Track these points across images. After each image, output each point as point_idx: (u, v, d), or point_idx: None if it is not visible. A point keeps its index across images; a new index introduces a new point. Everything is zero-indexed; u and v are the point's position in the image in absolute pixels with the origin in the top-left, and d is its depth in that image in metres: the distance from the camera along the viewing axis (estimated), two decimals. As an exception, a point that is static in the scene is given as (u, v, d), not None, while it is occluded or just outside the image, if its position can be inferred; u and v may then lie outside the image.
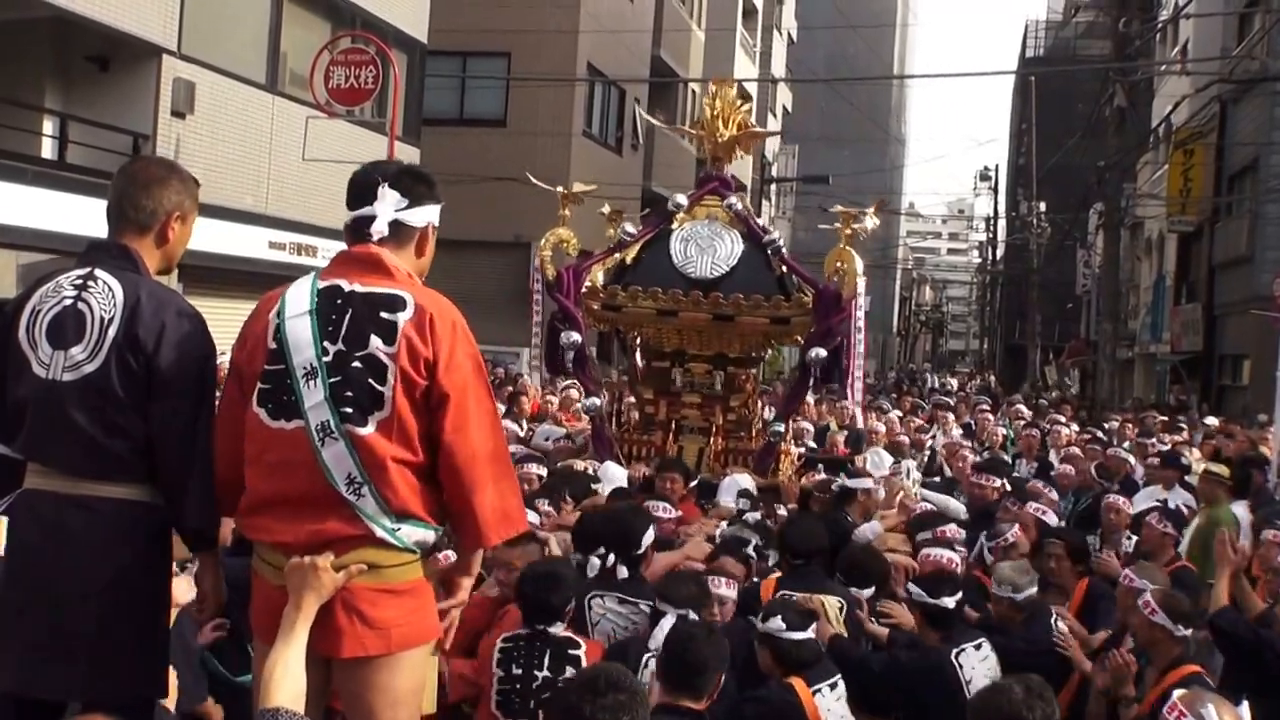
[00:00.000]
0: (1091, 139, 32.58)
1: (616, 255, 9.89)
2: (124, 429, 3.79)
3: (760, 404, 10.86)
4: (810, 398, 15.13)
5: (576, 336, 9.46)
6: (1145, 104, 34.22)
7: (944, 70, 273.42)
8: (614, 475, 8.70)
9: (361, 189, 3.90)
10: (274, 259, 19.10)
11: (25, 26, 16.73)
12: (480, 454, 3.73)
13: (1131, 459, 13.14)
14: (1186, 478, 11.57)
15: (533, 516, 6.65)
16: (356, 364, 3.60)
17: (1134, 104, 29.60)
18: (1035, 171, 48.80)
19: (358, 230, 3.86)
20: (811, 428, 15.26)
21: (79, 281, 3.89)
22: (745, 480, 8.78)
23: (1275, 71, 25.54)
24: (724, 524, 7.62)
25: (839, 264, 9.54)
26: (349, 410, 3.57)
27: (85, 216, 15.57)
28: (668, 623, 5.09)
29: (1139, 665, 5.71)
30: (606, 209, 10.18)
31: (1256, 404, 22.83)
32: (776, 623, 5.20)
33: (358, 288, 3.70)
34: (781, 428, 9.85)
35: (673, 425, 9.86)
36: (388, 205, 3.83)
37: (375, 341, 3.61)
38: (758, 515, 7.79)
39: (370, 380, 3.59)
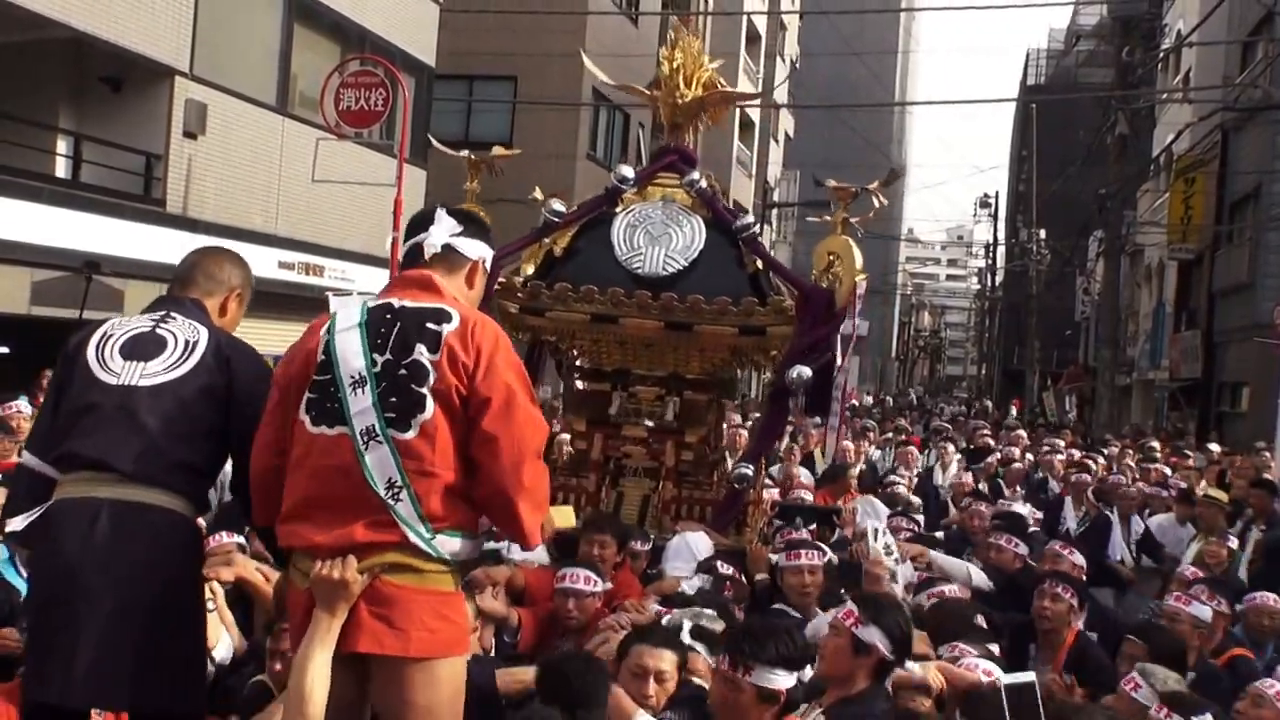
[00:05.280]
0: (1092, 166, 32.74)
1: (543, 243, 7.66)
2: (189, 437, 3.92)
3: (725, 439, 8.70)
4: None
5: None
6: (1147, 132, 34.39)
7: (945, 97, 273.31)
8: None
9: (419, 220, 4.08)
10: (283, 279, 19.19)
11: (40, 47, 16.87)
12: (522, 457, 3.77)
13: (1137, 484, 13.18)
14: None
15: None
16: (403, 371, 3.69)
17: (1136, 132, 29.75)
18: (1035, 198, 49.00)
19: (412, 259, 4.02)
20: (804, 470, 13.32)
21: (157, 317, 4.13)
22: (700, 541, 6.89)
23: (1278, 100, 25.67)
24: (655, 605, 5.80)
25: (831, 255, 7.33)
26: (393, 415, 3.65)
27: (98, 235, 15.74)
28: None
29: None
30: (538, 193, 7.90)
31: (1256, 431, 22.93)
32: None
33: (407, 304, 3.82)
34: (749, 471, 7.41)
35: (610, 466, 7.79)
36: (442, 229, 4.01)
37: (420, 349, 3.70)
38: (698, 581, 6.10)
39: (412, 385, 3.68)
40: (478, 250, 4.08)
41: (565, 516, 4.54)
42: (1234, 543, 10.01)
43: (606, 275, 7.35)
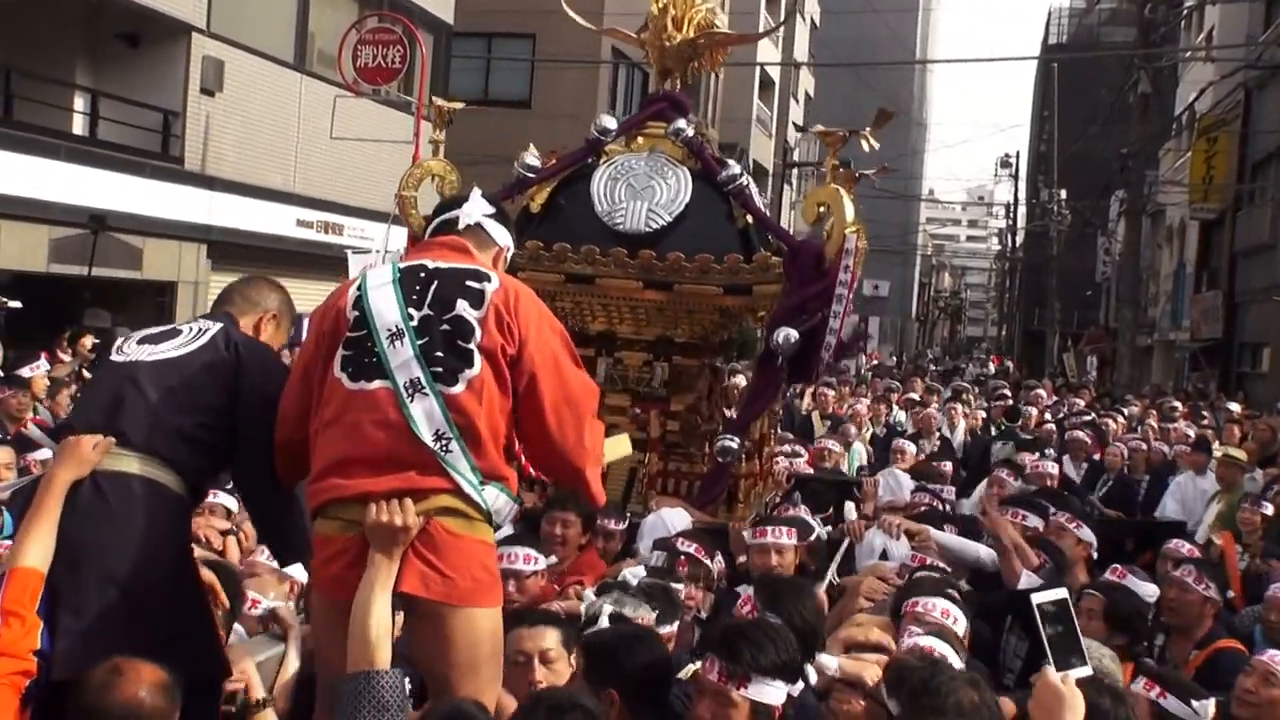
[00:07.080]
0: (1114, 125, 32.51)
1: (515, 199, 7.12)
2: (188, 407, 3.89)
3: (720, 408, 8.06)
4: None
5: None
6: (1169, 91, 34.10)
7: (967, 55, 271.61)
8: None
9: (451, 200, 4.14)
10: (301, 236, 19.25)
11: (56, 4, 16.86)
12: (582, 423, 3.85)
13: (1166, 448, 13.07)
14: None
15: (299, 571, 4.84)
16: (445, 326, 3.66)
17: (1158, 91, 29.46)
18: (1056, 158, 48.72)
19: (442, 233, 4.04)
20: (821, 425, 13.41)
21: (184, 322, 4.25)
22: (678, 519, 6.26)
23: (1302, 58, 25.46)
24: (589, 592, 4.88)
25: (820, 207, 6.80)
26: (439, 370, 3.62)
27: (116, 192, 15.76)
28: None
29: None
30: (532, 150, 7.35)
31: (1277, 391, 22.86)
32: None
33: (441, 264, 3.80)
34: (734, 443, 6.81)
35: None
36: (477, 206, 4.04)
37: (463, 304, 3.68)
38: (642, 572, 5.12)
39: (458, 340, 3.65)
40: (504, 238, 4.09)
41: (621, 446, 4.43)
42: (1269, 508, 9.00)
43: (585, 232, 6.89)
